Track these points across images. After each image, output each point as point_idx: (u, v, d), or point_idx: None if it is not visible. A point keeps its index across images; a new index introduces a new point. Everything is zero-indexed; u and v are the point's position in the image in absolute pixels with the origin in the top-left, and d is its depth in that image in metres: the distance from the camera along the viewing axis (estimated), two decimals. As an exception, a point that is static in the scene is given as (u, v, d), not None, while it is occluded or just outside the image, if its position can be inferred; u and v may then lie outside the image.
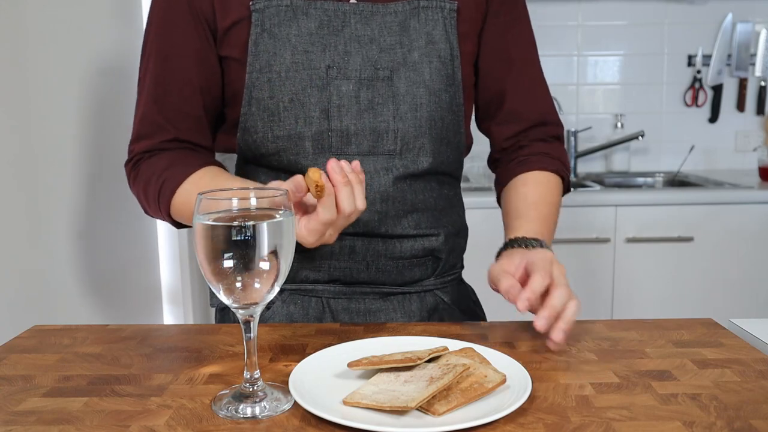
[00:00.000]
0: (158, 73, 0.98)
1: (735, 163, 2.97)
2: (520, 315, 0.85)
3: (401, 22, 0.96)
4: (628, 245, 2.40)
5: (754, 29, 2.89)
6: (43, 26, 1.21)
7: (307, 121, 0.93)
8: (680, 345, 0.83)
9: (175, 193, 0.94)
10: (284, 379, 0.72)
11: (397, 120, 0.95)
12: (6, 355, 0.82)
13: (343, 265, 0.98)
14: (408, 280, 1.02)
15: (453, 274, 1.08)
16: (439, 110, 0.98)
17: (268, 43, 0.93)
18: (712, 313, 1.68)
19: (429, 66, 0.96)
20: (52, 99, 1.25)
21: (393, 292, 1.01)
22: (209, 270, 0.64)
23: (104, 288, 1.44)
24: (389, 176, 0.96)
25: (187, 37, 0.96)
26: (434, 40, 0.97)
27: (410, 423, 0.61)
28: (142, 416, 0.65)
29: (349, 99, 0.94)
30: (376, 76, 0.94)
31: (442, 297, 1.05)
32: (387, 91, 0.95)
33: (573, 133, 2.88)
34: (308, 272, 0.99)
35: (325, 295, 1.01)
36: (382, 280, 1.00)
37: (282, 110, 0.93)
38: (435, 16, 0.97)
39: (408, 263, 1.00)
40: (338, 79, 0.93)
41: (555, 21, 2.87)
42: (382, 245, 0.98)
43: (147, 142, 0.99)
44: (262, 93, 0.94)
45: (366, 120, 0.94)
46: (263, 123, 0.95)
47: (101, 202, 1.42)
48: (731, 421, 0.63)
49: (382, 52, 0.95)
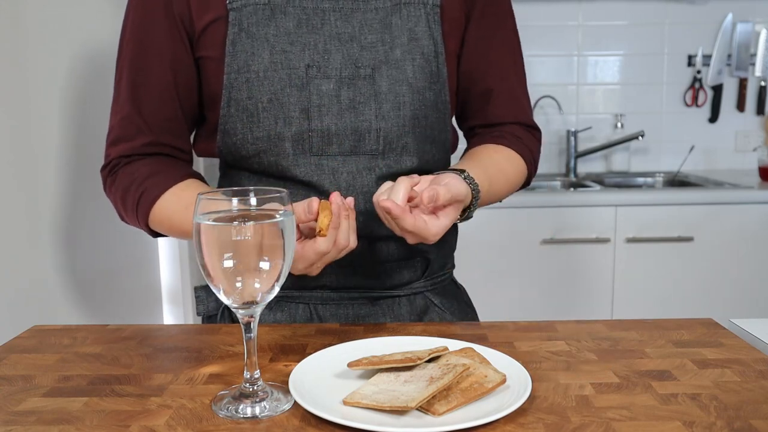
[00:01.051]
0: (134, 76, 0.96)
1: (735, 163, 2.97)
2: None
3: (382, 19, 0.94)
4: (628, 245, 2.40)
5: (754, 29, 2.89)
6: (42, 26, 1.21)
7: (286, 122, 0.92)
8: (680, 345, 0.83)
9: (155, 204, 0.93)
10: (284, 379, 0.72)
11: (379, 119, 0.93)
12: (6, 355, 0.82)
13: (330, 269, 0.96)
14: (396, 283, 1.00)
15: (443, 275, 1.07)
16: (423, 108, 0.96)
17: (245, 43, 0.91)
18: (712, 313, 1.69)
19: (412, 63, 0.94)
20: (52, 99, 1.25)
21: (382, 296, 1.00)
22: (209, 270, 0.64)
23: (104, 288, 1.44)
24: (372, 176, 0.94)
25: (163, 40, 0.95)
26: (417, 36, 0.95)
27: (410, 423, 0.61)
28: (142, 416, 0.65)
29: (329, 98, 0.92)
30: (357, 75, 0.92)
31: (432, 299, 1.04)
32: (369, 90, 0.93)
33: (573, 133, 2.88)
34: (294, 278, 0.96)
35: (312, 302, 0.99)
36: (370, 284, 0.99)
37: (261, 111, 0.92)
38: (417, 12, 0.95)
39: (396, 265, 0.99)
40: (318, 78, 0.92)
41: (555, 21, 2.87)
42: (369, 248, 0.97)
43: (125, 145, 0.97)
44: (240, 94, 0.92)
45: (347, 119, 0.92)
46: (242, 124, 0.93)
47: (101, 201, 1.42)
48: (731, 421, 0.63)
49: (363, 50, 0.93)
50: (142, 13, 0.95)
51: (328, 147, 0.93)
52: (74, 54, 1.34)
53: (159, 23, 0.94)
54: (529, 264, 2.40)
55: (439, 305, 1.04)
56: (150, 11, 0.95)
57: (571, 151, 2.89)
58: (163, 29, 0.95)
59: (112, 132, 0.99)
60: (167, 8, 0.94)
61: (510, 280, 2.40)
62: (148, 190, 0.94)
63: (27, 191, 1.16)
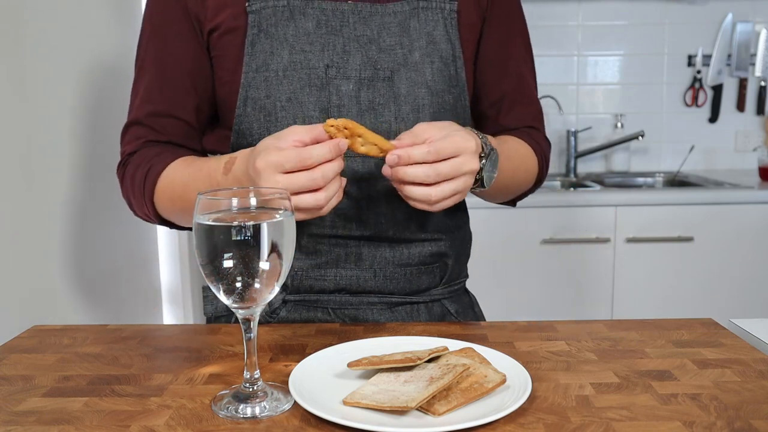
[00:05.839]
0: (152, 79, 0.97)
1: (735, 163, 2.97)
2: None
3: (401, 23, 0.95)
4: (628, 245, 2.40)
5: (754, 29, 2.89)
6: (42, 26, 1.21)
7: (305, 121, 0.91)
8: (680, 345, 0.83)
9: (163, 172, 0.92)
10: (284, 379, 0.72)
11: (399, 121, 0.93)
12: (6, 355, 0.82)
13: (350, 273, 0.96)
14: (416, 288, 1.00)
15: (459, 283, 1.07)
16: (443, 112, 0.96)
17: (265, 43, 0.92)
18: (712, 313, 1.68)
19: (431, 66, 0.95)
20: (52, 99, 1.25)
21: (401, 301, 0.99)
22: (209, 270, 0.64)
23: (104, 288, 1.44)
24: None
25: (183, 43, 0.95)
26: (435, 40, 0.95)
27: (410, 423, 0.61)
28: (142, 416, 0.65)
29: (349, 99, 0.92)
30: (376, 77, 0.93)
31: (448, 307, 1.04)
32: (388, 92, 0.93)
33: (573, 133, 2.88)
34: (313, 281, 0.97)
35: (331, 306, 0.98)
36: (390, 289, 0.98)
37: (279, 110, 0.92)
38: (435, 16, 0.96)
39: (416, 270, 0.99)
40: (338, 78, 0.92)
41: (555, 21, 2.87)
42: (390, 251, 0.97)
43: (138, 143, 0.98)
44: (258, 92, 0.92)
45: (367, 121, 0.92)
46: (259, 124, 0.93)
47: (101, 201, 1.42)
48: (731, 421, 0.63)
49: (381, 52, 0.93)
50: (162, 17, 0.96)
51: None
52: (74, 54, 1.34)
53: (179, 27, 0.95)
54: (529, 264, 2.40)
55: (455, 314, 1.04)
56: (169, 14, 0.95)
57: (571, 151, 2.89)
58: (184, 32, 0.95)
59: (128, 133, 0.99)
60: (186, 10, 0.94)
61: (510, 280, 2.40)
62: (156, 163, 0.93)
63: (27, 191, 1.16)
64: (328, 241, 0.96)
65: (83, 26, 1.38)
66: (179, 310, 1.91)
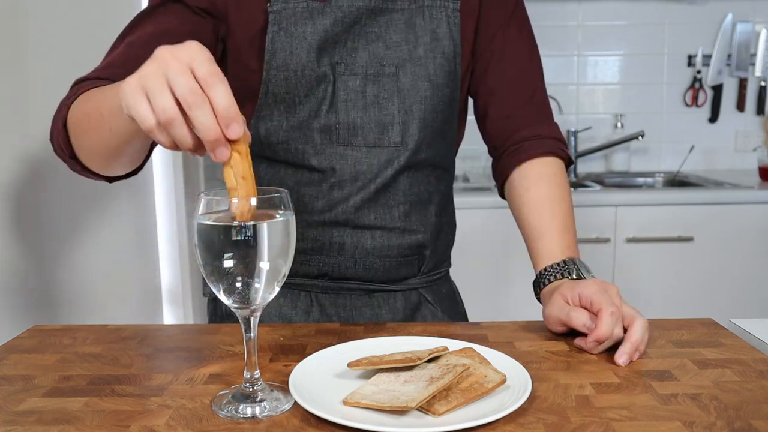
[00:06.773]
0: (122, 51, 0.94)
1: (735, 163, 2.97)
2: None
3: (407, 20, 0.99)
4: (628, 245, 2.40)
5: (754, 29, 2.89)
6: (42, 26, 1.21)
7: (317, 114, 0.97)
8: (680, 345, 0.83)
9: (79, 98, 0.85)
10: (284, 379, 0.72)
11: (401, 113, 0.98)
12: (6, 355, 0.82)
13: (332, 260, 1.01)
14: (394, 277, 1.04)
15: (438, 273, 1.10)
16: (441, 104, 1.00)
17: (284, 41, 0.95)
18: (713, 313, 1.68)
19: (434, 61, 0.99)
20: (52, 99, 1.25)
21: (378, 289, 1.04)
22: (209, 270, 0.64)
23: (104, 288, 1.44)
24: (390, 169, 0.98)
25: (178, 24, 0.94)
26: (439, 37, 0.99)
27: (410, 423, 0.61)
28: (142, 416, 0.65)
29: (355, 93, 0.97)
30: (382, 72, 0.97)
31: (425, 295, 1.07)
32: (392, 87, 0.98)
33: (573, 133, 2.88)
34: (298, 266, 1.02)
35: (313, 290, 1.04)
36: (369, 277, 1.03)
37: (297, 104, 0.97)
38: (439, 14, 1.00)
39: (395, 262, 1.02)
40: (346, 75, 0.97)
41: (555, 21, 2.87)
42: (371, 242, 1.00)
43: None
44: (278, 88, 0.96)
45: (371, 114, 0.97)
46: (279, 113, 0.98)
47: (101, 201, 1.42)
48: (731, 421, 0.63)
49: (387, 48, 0.98)
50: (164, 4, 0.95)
51: (353, 138, 0.98)
52: (74, 54, 1.33)
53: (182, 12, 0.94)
54: (530, 264, 2.40)
55: (431, 302, 1.08)
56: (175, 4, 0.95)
57: (571, 151, 2.88)
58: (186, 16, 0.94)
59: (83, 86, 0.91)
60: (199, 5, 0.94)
61: (510, 279, 2.40)
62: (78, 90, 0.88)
63: (26, 191, 1.16)
64: (315, 230, 1.00)
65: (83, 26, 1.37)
66: (179, 310, 1.91)
